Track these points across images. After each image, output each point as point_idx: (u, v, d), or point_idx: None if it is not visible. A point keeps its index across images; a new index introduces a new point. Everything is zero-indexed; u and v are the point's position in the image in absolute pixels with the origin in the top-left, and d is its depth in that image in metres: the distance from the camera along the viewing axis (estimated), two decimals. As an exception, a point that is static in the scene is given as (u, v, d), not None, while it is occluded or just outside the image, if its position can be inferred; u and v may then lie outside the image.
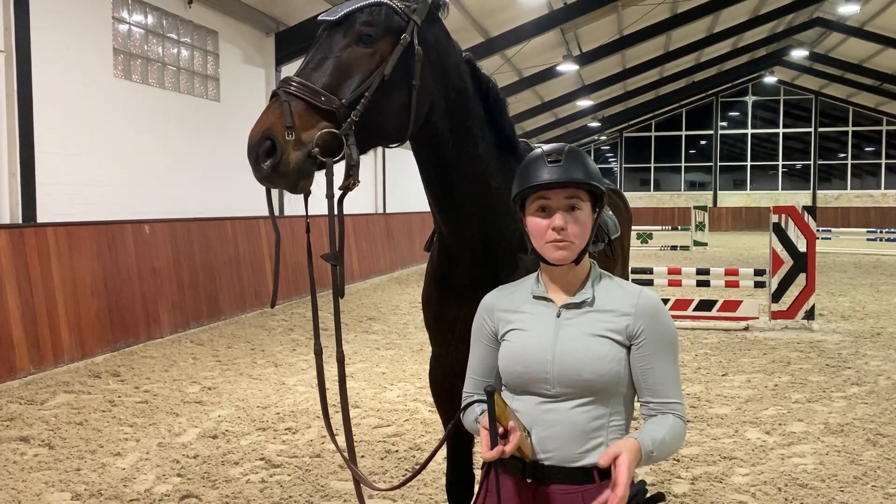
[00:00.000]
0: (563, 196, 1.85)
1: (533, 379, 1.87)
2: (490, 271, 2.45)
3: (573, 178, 1.83)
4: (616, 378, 1.85)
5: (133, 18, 9.80)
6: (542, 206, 1.87)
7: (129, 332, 8.40)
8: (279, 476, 4.49)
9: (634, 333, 1.87)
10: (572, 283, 1.92)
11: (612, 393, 1.86)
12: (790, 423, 5.48)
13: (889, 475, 4.43)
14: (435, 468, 4.55)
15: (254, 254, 11.25)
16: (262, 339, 8.87)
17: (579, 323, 1.88)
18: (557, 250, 1.84)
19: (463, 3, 14.92)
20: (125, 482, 4.40)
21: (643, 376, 1.87)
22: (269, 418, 5.66)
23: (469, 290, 2.46)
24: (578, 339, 1.86)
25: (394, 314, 10.79)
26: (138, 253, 8.78)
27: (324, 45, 2.14)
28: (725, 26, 24.38)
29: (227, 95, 11.81)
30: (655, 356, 1.86)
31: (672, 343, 1.90)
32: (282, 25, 13.01)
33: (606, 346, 1.85)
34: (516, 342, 1.92)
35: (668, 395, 1.87)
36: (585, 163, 1.88)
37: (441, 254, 2.58)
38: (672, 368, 1.89)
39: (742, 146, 38.56)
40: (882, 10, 23.03)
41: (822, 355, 7.74)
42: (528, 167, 1.89)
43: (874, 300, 11.75)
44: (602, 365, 1.83)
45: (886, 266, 17.59)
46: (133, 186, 9.65)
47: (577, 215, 1.85)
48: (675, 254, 21.86)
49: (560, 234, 1.83)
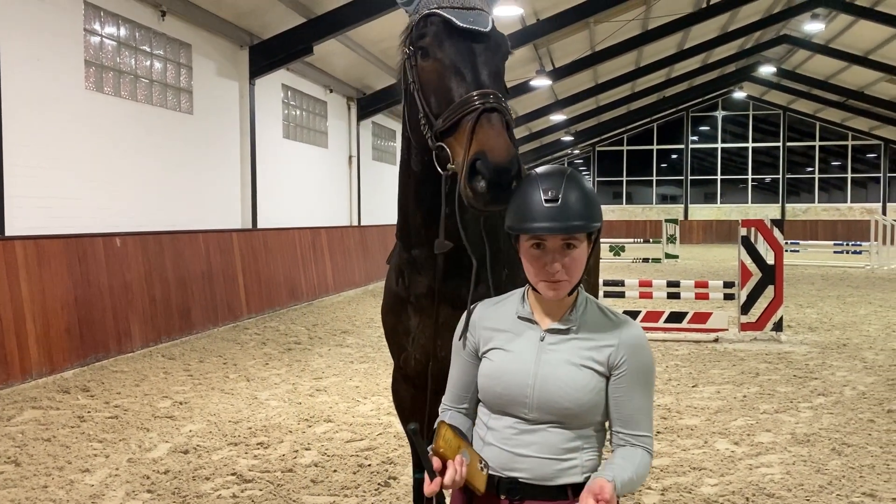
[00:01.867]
0: (560, 239, 1.81)
1: (512, 402, 1.87)
2: (452, 285, 2.46)
3: (571, 225, 1.78)
4: (594, 407, 1.86)
5: (105, 30, 9.74)
6: (537, 244, 1.83)
7: (100, 346, 8.30)
8: (251, 491, 4.47)
9: (616, 364, 1.87)
10: (559, 308, 1.91)
11: (588, 421, 1.88)
12: (758, 433, 5.57)
13: (853, 484, 4.52)
14: (409, 482, 4.56)
15: (226, 267, 11.19)
16: (234, 354, 8.81)
17: (562, 350, 1.87)
18: (551, 290, 1.84)
19: (437, 17, 15.00)
20: (94, 499, 4.35)
21: (617, 407, 1.88)
22: (241, 433, 5.63)
23: (428, 303, 2.51)
24: (560, 367, 1.85)
25: (368, 327, 10.77)
26: (109, 266, 8.69)
27: (489, 57, 2.11)
28: (695, 42, 24.82)
29: (201, 108, 11.76)
30: (632, 388, 1.87)
31: (649, 377, 1.90)
32: (256, 39, 13.00)
33: (588, 377, 1.85)
34: (497, 362, 1.91)
35: (640, 427, 1.88)
36: (584, 197, 1.81)
37: (402, 266, 2.60)
38: (646, 401, 1.90)
39: (712, 160, 39.14)
40: (846, 29, 23.61)
41: (789, 366, 7.87)
42: (523, 202, 1.82)
43: (841, 312, 11.97)
44: (582, 395, 1.83)
45: (853, 278, 17.93)
46: (104, 199, 9.56)
47: (573, 254, 1.83)
48: (647, 266, 22.08)
49: (556, 275, 1.82)
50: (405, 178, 2.45)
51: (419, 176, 2.36)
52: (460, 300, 2.39)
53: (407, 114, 2.27)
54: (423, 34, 2.13)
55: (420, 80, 2.12)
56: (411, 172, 2.39)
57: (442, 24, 2.10)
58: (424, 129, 2.12)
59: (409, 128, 2.28)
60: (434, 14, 2.14)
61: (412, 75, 2.16)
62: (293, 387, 7.12)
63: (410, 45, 2.20)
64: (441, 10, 2.13)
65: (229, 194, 12.66)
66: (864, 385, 7.02)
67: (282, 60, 13.11)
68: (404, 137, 2.42)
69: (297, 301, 13.29)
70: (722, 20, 22.80)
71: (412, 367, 2.65)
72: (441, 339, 2.53)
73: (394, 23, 14.31)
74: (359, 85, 18.06)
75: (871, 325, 10.55)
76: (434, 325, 2.52)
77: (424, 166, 2.29)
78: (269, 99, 13.99)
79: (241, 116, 12.85)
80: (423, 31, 2.13)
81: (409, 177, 2.42)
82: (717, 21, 22.58)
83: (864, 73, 27.04)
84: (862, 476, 4.65)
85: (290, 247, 13.39)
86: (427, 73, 2.11)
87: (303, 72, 15.28)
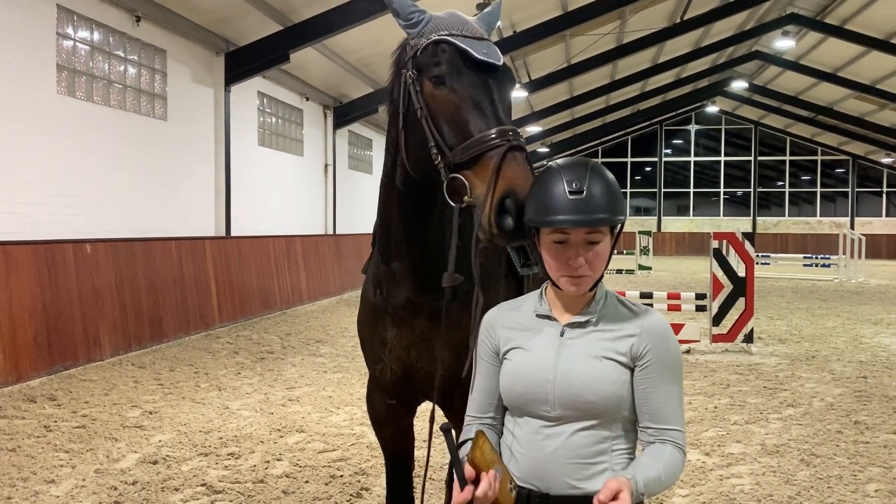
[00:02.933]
0: (583, 232, 1.76)
1: (533, 400, 1.81)
2: (429, 297, 2.47)
3: (597, 218, 1.74)
4: (619, 401, 1.79)
5: (78, 35, 9.63)
6: (561, 240, 1.78)
7: (68, 354, 8.16)
8: (221, 502, 4.41)
9: (639, 354, 1.81)
10: (578, 301, 1.87)
11: (614, 416, 1.81)
12: (729, 444, 5.62)
13: (821, 494, 4.58)
14: (381, 493, 4.53)
15: (198, 275, 11.08)
16: (205, 362, 8.72)
17: (583, 343, 1.83)
18: (573, 285, 1.79)
19: (414, 28, 15.05)
20: (60, 510, 4.27)
21: (644, 400, 1.81)
22: (212, 443, 5.56)
23: (406, 314, 2.53)
24: (581, 360, 1.80)
25: (342, 337, 10.72)
26: (79, 273, 8.56)
27: (502, 91, 2.12)
28: (669, 57, 25.17)
29: (175, 114, 11.67)
30: (658, 379, 1.81)
31: (676, 368, 1.84)
32: (232, 45, 12.94)
33: (610, 368, 1.80)
34: (517, 361, 1.87)
35: (669, 421, 1.81)
36: (609, 189, 1.77)
37: (381, 278, 2.60)
38: (675, 393, 1.83)
39: (685, 173, 39.60)
40: (816, 46, 24.09)
41: (759, 378, 7.97)
42: (546, 193, 1.78)
43: (810, 324, 12.15)
44: (605, 387, 1.78)
45: (822, 291, 18.21)
46: (75, 205, 9.43)
47: (597, 248, 1.78)
48: (621, 277, 22.26)
49: (579, 269, 1.77)
50: (388, 192, 2.45)
51: (403, 192, 2.37)
52: (437, 313, 2.40)
53: (405, 137, 2.23)
54: (436, 62, 2.10)
55: (430, 108, 2.09)
56: (395, 188, 2.39)
57: (457, 54, 2.09)
58: (435, 158, 2.09)
59: (408, 151, 2.23)
60: (446, 42, 2.11)
61: (418, 101, 2.12)
62: (265, 396, 7.06)
63: (414, 69, 2.16)
64: (452, 37, 2.11)
65: (203, 201, 12.55)
66: (832, 396, 7.12)
67: (258, 68, 13.07)
68: (389, 154, 2.40)
69: (271, 310, 13.19)
70: (695, 35, 23.16)
71: (388, 379, 2.66)
72: (417, 351, 2.55)
73: (370, 32, 14.34)
74: (335, 93, 18.05)
75: (839, 338, 10.72)
76: (411, 336, 2.53)
77: (409, 185, 2.32)
78: (244, 106, 13.92)
79: (216, 123, 12.77)
80: (437, 59, 2.10)
81: (392, 191, 2.42)
82: (691, 36, 22.94)
83: (833, 90, 27.59)
84: (829, 487, 4.71)
85: (263, 255, 13.30)
86: (440, 103, 2.08)
87: (279, 79, 15.23)
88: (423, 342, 2.54)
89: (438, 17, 2.21)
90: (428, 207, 2.39)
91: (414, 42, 2.19)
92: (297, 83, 16.08)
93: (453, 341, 2.42)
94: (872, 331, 11.45)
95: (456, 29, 2.15)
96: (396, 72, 2.30)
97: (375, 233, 2.84)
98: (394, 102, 2.31)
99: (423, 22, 2.19)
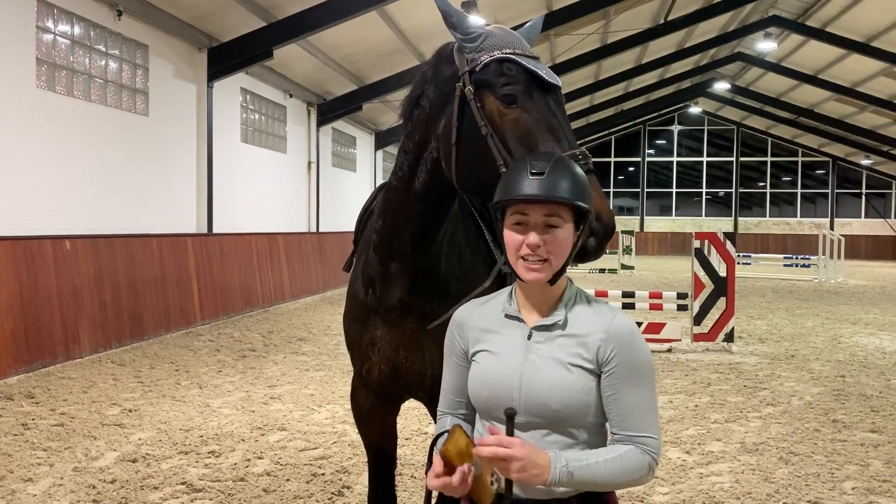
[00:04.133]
0: (541, 213, 1.75)
1: (499, 405, 1.79)
2: (423, 299, 2.52)
3: (553, 195, 1.73)
4: (584, 409, 1.78)
5: (59, 28, 9.52)
6: (520, 221, 1.78)
7: (46, 352, 8.07)
8: (201, 501, 4.38)
9: (605, 360, 1.78)
10: (546, 302, 1.85)
11: (580, 423, 1.80)
12: (709, 442, 5.66)
13: (799, 492, 4.62)
14: (363, 491, 4.52)
15: (180, 272, 10.99)
16: (186, 360, 8.65)
17: (549, 348, 1.81)
18: (530, 271, 1.77)
19: (399, 26, 15.05)
20: (37, 509, 4.22)
21: (611, 406, 1.79)
22: (192, 441, 5.52)
23: (398, 315, 2.56)
24: (546, 367, 1.78)
25: (325, 335, 10.68)
26: (58, 270, 8.47)
27: (563, 112, 2.15)
28: (653, 57, 25.30)
29: (157, 110, 11.57)
30: (624, 386, 1.78)
31: (645, 372, 1.81)
32: (215, 41, 12.85)
33: (575, 375, 1.78)
34: (484, 365, 1.86)
35: (636, 427, 1.78)
36: (572, 177, 1.77)
37: (375, 277, 2.60)
38: (643, 399, 1.79)
39: (668, 173, 39.85)
40: (797, 48, 24.33)
41: (740, 376, 8.03)
42: (510, 176, 1.80)
43: (790, 323, 12.26)
44: (569, 395, 1.76)
45: (801, 291, 18.39)
46: (55, 201, 9.32)
47: (556, 234, 1.76)
48: (603, 276, 22.36)
49: (535, 252, 1.75)
50: (402, 195, 2.43)
51: (421, 196, 2.38)
52: (429, 314, 2.49)
53: (457, 151, 2.18)
54: (505, 81, 2.09)
55: (498, 126, 2.08)
56: (412, 191, 2.39)
57: (526, 74, 2.10)
58: None
59: (460, 165, 2.18)
60: (511, 61, 2.11)
61: (481, 117, 2.10)
62: (247, 394, 7.02)
63: (473, 85, 2.13)
64: (515, 56, 2.12)
65: (184, 198, 12.46)
66: (810, 395, 7.20)
67: (241, 64, 12.98)
68: (409, 156, 2.38)
69: (253, 307, 13.12)
70: (679, 36, 23.30)
71: (375, 378, 2.67)
72: (407, 351, 2.58)
73: (355, 29, 14.30)
74: (319, 90, 17.97)
75: (818, 337, 10.83)
76: (401, 337, 2.57)
77: (430, 191, 2.36)
78: (227, 102, 13.83)
79: (199, 119, 12.67)
80: (506, 78, 2.09)
81: (408, 194, 2.41)
82: (674, 37, 23.07)
83: (813, 92, 27.87)
84: (807, 484, 4.76)
85: (246, 252, 13.22)
86: (510, 122, 2.07)
87: (262, 76, 15.14)
88: (413, 342, 2.57)
89: (494, 32, 2.21)
90: (443, 214, 2.43)
91: (471, 57, 2.16)
92: (281, 80, 16.00)
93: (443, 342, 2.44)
94: (850, 330, 11.58)
95: (516, 47, 2.15)
96: (441, 83, 2.26)
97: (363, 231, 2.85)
98: (432, 112, 2.28)
99: (482, 37, 2.18)
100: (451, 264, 2.56)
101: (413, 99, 2.38)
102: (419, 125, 2.34)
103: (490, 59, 2.12)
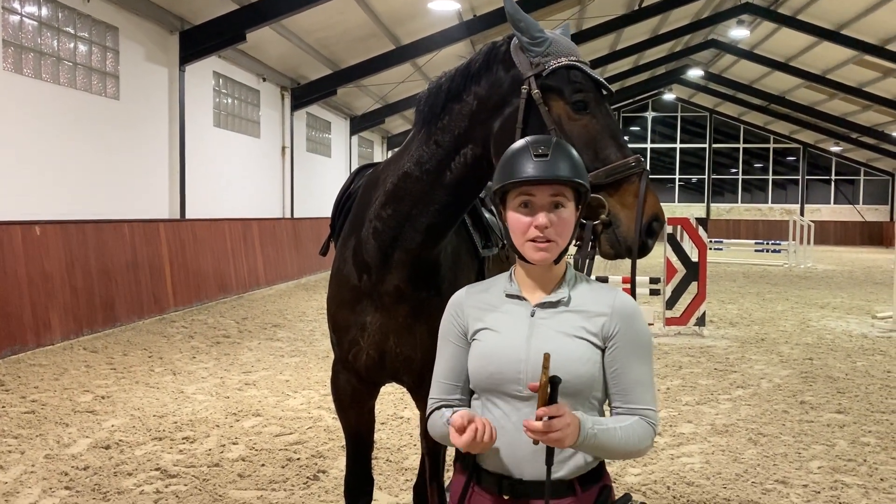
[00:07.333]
0: (548, 193, 1.79)
1: (505, 379, 1.80)
2: (418, 285, 2.56)
3: (560, 174, 1.78)
4: (591, 380, 1.81)
5: (26, 10, 9.32)
6: (525, 203, 1.80)
7: (16, 338, 7.97)
8: (175, 486, 4.37)
9: (609, 335, 1.83)
10: (548, 282, 1.88)
11: (585, 397, 1.82)
12: (680, 424, 5.76)
13: (767, 472, 4.73)
14: (338, 475, 4.54)
15: (153, 258, 10.88)
16: (160, 347, 8.59)
17: (554, 323, 1.83)
18: (538, 251, 1.79)
19: (374, 9, 14.93)
20: (7, 497, 4.18)
21: (614, 379, 1.84)
22: (166, 427, 5.50)
23: (391, 301, 2.58)
24: (554, 339, 1.80)
25: (300, 321, 10.65)
26: (28, 255, 8.34)
27: (616, 118, 2.30)
28: (627, 44, 25.36)
29: (127, 94, 11.39)
30: (628, 359, 1.83)
31: (646, 347, 1.87)
32: (187, 24, 12.65)
33: (582, 347, 1.81)
34: (488, 342, 1.86)
35: (639, 400, 1.84)
36: (573, 158, 1.83)
37: (370, 262, 2.59)
38: (645, 373, 1.85)
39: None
40: (769, 36, 24.55)
41: (711, 360, 8.16)
42: (512, 159, 1.83)
43: (760, 308, 12.46)
44: (578, 366, 1.78)
45: (772, 276, 18.67)
46: (23, 186, 9.16)
47: (561, 213, 1.80)
48: (579, 262, 22.47)
49: (543, 232, 1.78)
50: (425, 187, 2.42)
51: (451, 189, 2.41)
52: (422, 301, 2.56)
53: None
54: (578, 88, 2.17)
55: (566, 131, 2.15)
56: (441, 184, 2.40)
57: (592, 83, 2.20)
58: None
59: None
60: (577, 68, 2.19)
61: (550, 121, 2.16)
62: (221, 381, 7.00)
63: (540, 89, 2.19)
64: (581, 64, 2.21)
65: (157, 183, 12.30)
66: (779, 378, 7.34)
67: (213, 47, 12.81)
68: (442, 148, 2.38)
69: (227, 294, 13.03)
70: (653, 23, 23.38)
71: (362, 363, 2.69)
72: (397, 336, 2.61)
73: (328, 13, 14.17)
74: (293, 74, 17.80)
75: (788, 321, 11.02)
76: (392, 323, 2.60)
77: (466, 185, 2.40)
78: (199, 86, 13.64)
79: (170, 103, 12.50)
80: (578, 86, 2.18)
81: (433, 186, 2.41)
82: (649, 24, 23.15)
83: (785, 79, 28.17)
84: (775, 464, 4.86)
85: (219, 238, 13.11)
86: (580, 128, 2.16)
87: (235, 59, 14.96)
88: (404, 328, 2.60)
89: (558, 39, 2.26)
90: (465, 209, 2.52)
91: (537, 61, 2.21)
92: (254, 63, 15.81)
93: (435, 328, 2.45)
94: (819, 314, 11.80)
95: (578, 55, 2.24)
96: (496, 83, 2.29)
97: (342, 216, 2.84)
98: (481, 110, 2.31)
99: (547, 43, 2.22)
100: (446, 254, 2.65)
101: (450, 92, 2.38)
102: (460, 120, 2.35)
103: (558, 65, 2.19)
